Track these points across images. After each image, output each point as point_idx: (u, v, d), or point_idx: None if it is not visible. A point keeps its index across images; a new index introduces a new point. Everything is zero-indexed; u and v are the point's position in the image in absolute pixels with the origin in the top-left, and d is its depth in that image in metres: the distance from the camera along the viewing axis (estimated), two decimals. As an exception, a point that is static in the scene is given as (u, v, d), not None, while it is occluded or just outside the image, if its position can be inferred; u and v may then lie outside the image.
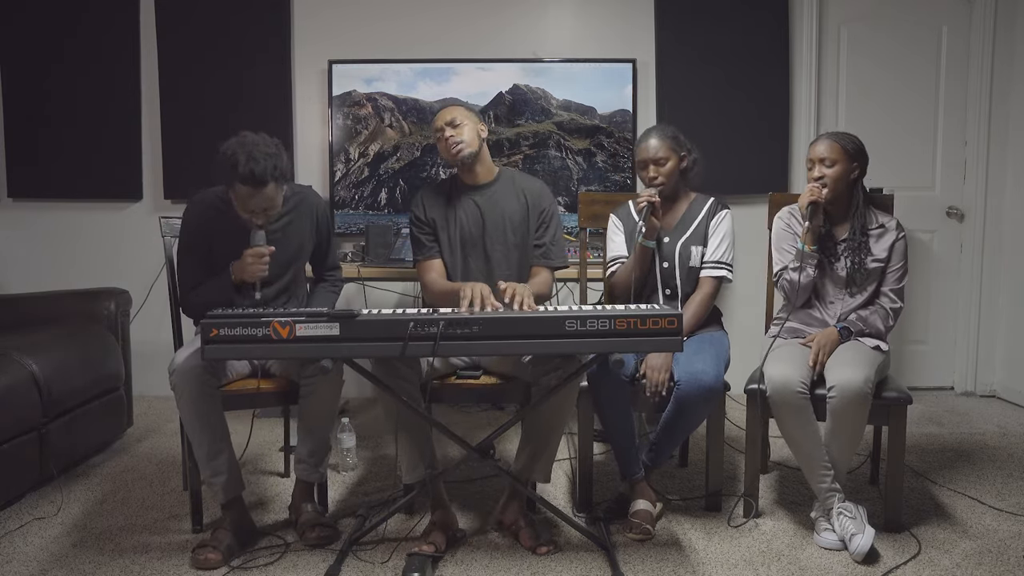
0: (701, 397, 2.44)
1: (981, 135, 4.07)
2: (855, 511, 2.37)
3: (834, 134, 2.63)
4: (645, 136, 2.70)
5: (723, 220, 2.71)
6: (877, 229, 2.61)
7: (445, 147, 2.61)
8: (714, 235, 2.69)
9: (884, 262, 2.59)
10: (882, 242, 2.60)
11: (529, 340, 2.12)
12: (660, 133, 2.68)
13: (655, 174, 2.65)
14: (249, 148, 2.30)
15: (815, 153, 2.59)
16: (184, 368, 2.32)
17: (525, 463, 2.49)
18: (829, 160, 2.56)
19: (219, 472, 2.38)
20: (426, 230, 2.68)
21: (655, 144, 2.65)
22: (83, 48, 4.03)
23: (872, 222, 2.62)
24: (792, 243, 2.64)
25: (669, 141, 2.66)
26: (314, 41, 4.06)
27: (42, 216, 4.17)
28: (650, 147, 2.65)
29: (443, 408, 3.78)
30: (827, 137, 2.61)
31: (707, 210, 2.72)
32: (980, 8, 4.03)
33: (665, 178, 2.65)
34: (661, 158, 2.64)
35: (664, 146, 2.65)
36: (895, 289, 2.60)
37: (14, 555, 2.38)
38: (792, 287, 2.60)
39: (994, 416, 3.81)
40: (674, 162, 2.66)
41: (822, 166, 2.57)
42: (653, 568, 2.29)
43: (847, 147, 2.57)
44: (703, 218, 2.71)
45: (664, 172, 2.65)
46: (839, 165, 2.56)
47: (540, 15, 4.08)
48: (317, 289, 2.75)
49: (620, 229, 2.79)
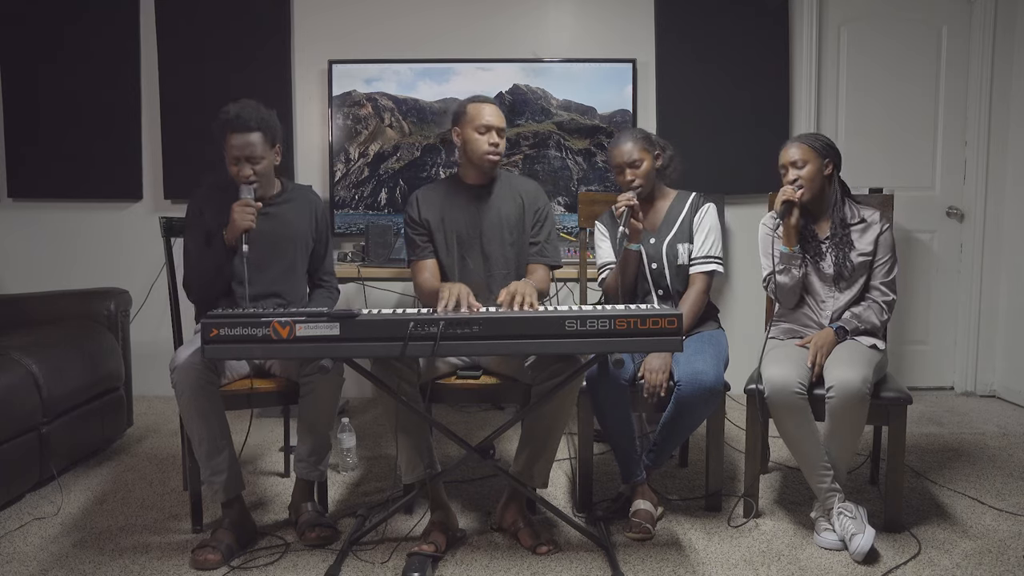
0: (701, 398, 2.44)
1: (981, 135, 4.07)
2: (855, 511, 2.37)
3: (800, 136, 2.66)
4: (616, 140, 2.70)
5: (707, 214, 2.71)
6: (859, 224, 2.62)
7: (482, 148, 2.57)
8: (699, 230, 2.70)
9: (870, 255, 2.59)
10: (866, 236, 2.60)
11: (529, 340, 2.12)
12: (631, 135, 2.68)
13: (631, 176, 2.65)
14: (240, 102, 2.53)
15: (785, 158, 2.62)
16: (185, 366, 2.32)
17: (523, 466, 2.49)
18: (800, 161, 2.58)
19: (219, 471, 2.39)
20: (420, 231, 2.67)
21: (628, 147, 2.65)
22: (83, 48, 4.03)
23: (853, 216, 2.63)
24: (777, 247, 2.64)
25: (641, 142, 2.66)
26: (314, 41, 4.06)
27: (42, 216, 4.17)
28: (623, 151, 2.65)
29: (443, 408, 3.79)
30: (794, 141, 2.64)
31: (689, 206, 2.73)
32: (980, 8, 4.03)
33: (642, 179, 2.65)
34: (636, 160, 2.64)
35: (637, 148, 2.65)
36: (885, 282, 2.60)
37: (14, 555, 2.38)
38: (780, 290, 2.61)
39: (994, 416, 3.81)
40: (648, 162, 2.66)
41: (794, 169, 2.59)
42: (653, 568, 2.29)
43: (815, 145, 2.60)
44: (686, 215, 2.72)
45: (640, 173, 2.65)
46: (811, 164, 2.58)
47: (540, 15, 4.08)
48: (315, 293, 2.77)
49: (606, 235, 2.80)
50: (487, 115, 2.58)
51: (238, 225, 2.44)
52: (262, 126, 2.50)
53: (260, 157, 2.51)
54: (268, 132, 2.52)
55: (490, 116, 2.58)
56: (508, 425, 2.43)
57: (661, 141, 2.74)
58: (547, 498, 2.63)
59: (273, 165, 2.59)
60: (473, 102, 2.62)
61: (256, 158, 2.50)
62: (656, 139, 2.73)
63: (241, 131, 2.47)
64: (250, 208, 2.46)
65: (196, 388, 2.32)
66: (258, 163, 2.51)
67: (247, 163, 2.49)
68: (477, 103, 2.61)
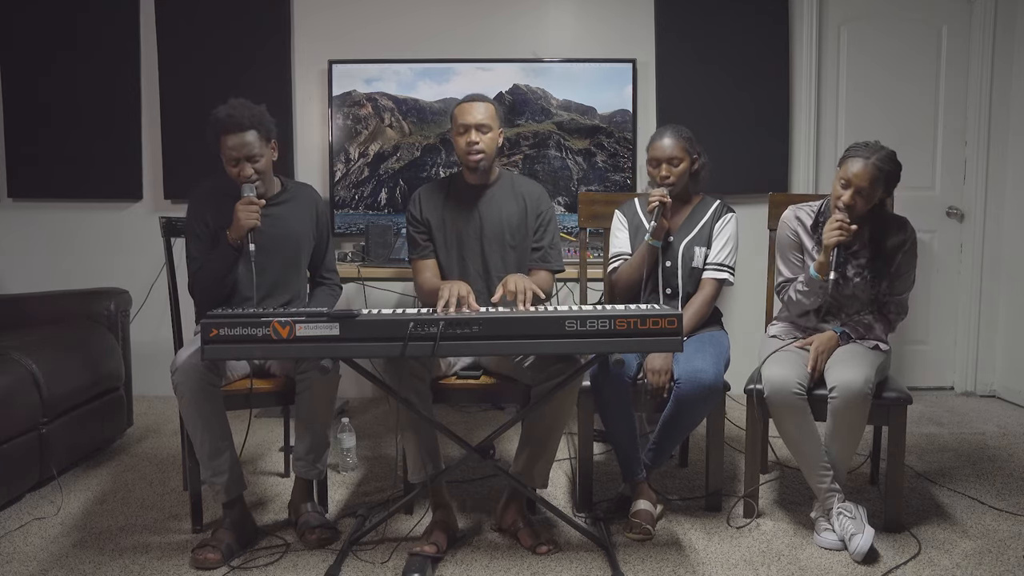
0: (700, 396, 2.44)
1: (981, 135, 4.07)
2: (855, 511, 2.37)
3: (870, 154, 2.40)
4: (660, 134, 2.69)
5: (728, 223, 2.71)
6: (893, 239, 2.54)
7: (464, 148, 2.57)
8: (718, 237, 2.70)
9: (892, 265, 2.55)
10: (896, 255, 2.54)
11: (529, 340, 2.12)
12: (676, 133, 2.67)
13: (667, 173, 2.65)
14: (229, 103, 2.50)
15: (847, 172, 2.40)
16: (186, 367, 2.32)
17: (523, 466, 2.49)
18: (856, 187, 2.38)
19: (220, 472, 2.39)
20: (421, 229, 2.67)
21: (670, 144, 2.65)
22: (83, 48, 4.02)
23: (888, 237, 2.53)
24: (799, 258, 2.60)
25: (684, 142, 2.66)
26: (314, 41, 4.06)
27: (42, 216, 4.17)
28: (665, 146, 2.65)
29: (443, 408, 3.79)
30: (861, 159, 2.40)
31: (712, 212, 2.73)
32: (980, 8, 4.02)
33: (676, 178, 2.65)
34: (675, 158, 2.64)
35: (679, 147, 2.65)
36: (902, 299, 2.57)
37: (14, 555, 2.38)
38: (796, 306, 2.59)
39: (994, 416, 3.81)
40: (686, 163, 2.66)
41: (857, 195, 2.40)
42: (653, 568, 2.29)
43: (881, 171, 2.39)
44: (708, 220, 2.72)
45: (676, 172, 2.65)
46: (865, 194, 2.39)
47: (540, 15, 4.08)
48: (316, 292, 2.76)
49: (624, 226, 2.79)
50: (465, 114, 2.57)
51: (243, 224, 2.43)
52: (255, 124, 2.48)
53: (258, 155, 2.50)
54: (262, 129, 2.51)
55: (467, 115, 2.56)
56: (508, 425, 2.43)
57: (699, 146, 2.73)
58: (547, 498, 2.63)
59: (271, 162, 2.58)
60: (460, 103, 2.62)
61: (254, 156, 2.49)
62: (696, 143, 2.71)
63: (235, 131, 2.45)
64: (254, 206, 2.45)
65: (197, 390, 2.32)
66: (257, 161, 2.50)
67: (247, 162, 2.48)
68: (461, 103, 2.61)
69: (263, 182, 2.54)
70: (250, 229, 2.43)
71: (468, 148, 2.56)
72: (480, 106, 2.57)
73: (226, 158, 2.49)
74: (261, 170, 2.51)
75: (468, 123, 2.56)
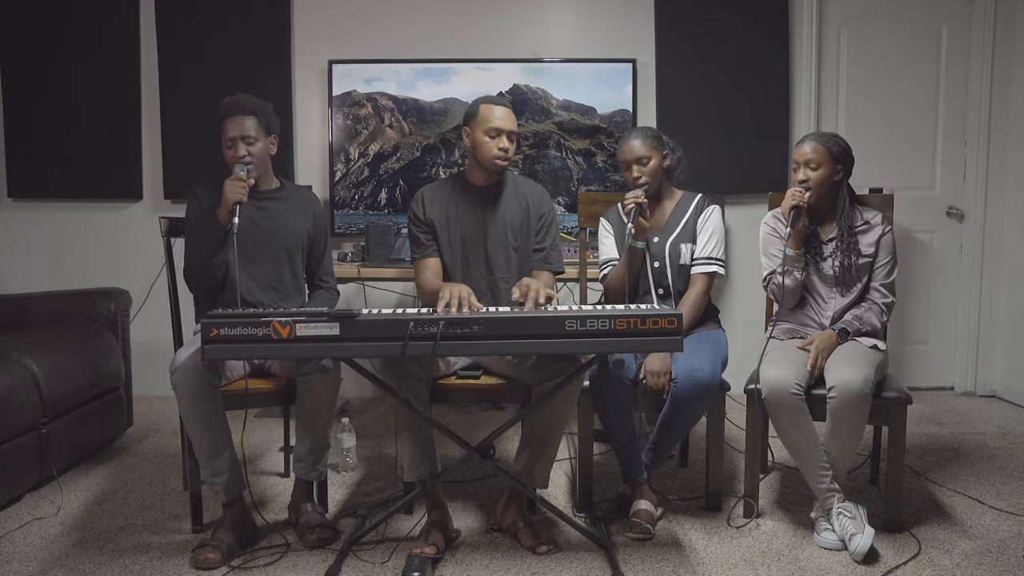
0: (697, 395, 2.44)
1: (981, 135, 4.07)
2: (855, 511, 2.37)
3: (819, 135, 2.61)
4: (625, 138, 2.72)
5: (711, 216, 2.72)
6: (862, 226, 2.62)
7: (495, 152, 2.56)
8: (703, 231, 2.70)
9: (871, 257, 2.59)
10: (867, 237, 2.60)
11: (529, 340, 2.11)
12: (641, 133, 2.70)
13: (639, 174, 2.66)
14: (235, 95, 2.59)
15: (800, 155, 2.58)
16: (185, 367, 2.32)
17: (524, 466, 2.49)
18: (814, 163, 2.55)
19: (220, 472, 2.39)
20: (424, 229, 2.67)
21: (637, 144, 2.67)
22: (83, 48, 4.03)
23: (857, 220, 2.62)
24: (779, 247, 2.64)
25: (650, 140, 2.68)
26: (314, 41, 4.06)
27: (42, 216, 4.17)
28: (633, 147, 2.67)
29: (443, 408, 3.79)
30: (812, 139, 2.59)
31: (695, 207, 2.73)
32: (980, 8, 4.03)
33: (649, 177, 2.66)
34: (643, 157, 2.66)
35: (645, 145, 2.66)
36: (886, 284, 2.60)
37: (14, 555, 2.38)
38: (780, 291, 2.62)
39: (994, 416, 3.81)
40: (656, 160, 2.67)
41: (807, 168, 2.57)
42: (653, 568, 2.29)
43: (832, 149, 2.56)
44: (691, 215, 2.72)
45: (647, 171, 2.66)
46: (823, 168, 2.56)
47: (540, 15, 4.08)
48: (315, 294, 2.77)
49: (610, 232, 2.80)
50: (498, 119, 2.56)
51: (228, 198, 2.44)
52: (257, 112, 2.56)
53: (254, 138, 2.55)
54: (263, 118, 2.58)
55: (501, 120, 2.56)
56: (508, 425, 2.43)
57: (671, 142, 2.74)
58: (547, 498, 2.63)
59: (269, 155, 2.62)
60: (485, 103, 2.59)
61: (250, 138, 2.54)
62: (666, 139, 2.73)
63: (236, 114, 2.53)
64: (241, 182, 2.47)
65: (196, 390, 2.32)
66: (252, 144, 2.54)
67: (241, 143, 2.53)
68: (489, 104, 2.59)
69: (256, 168, 2.56)
70: (236, 202, 2.44)
71: (499, 153, 2.56)
72: (509, 112, 2.60)
73: (224, 140, 2.55)
74: (255, 154, 2.55)
75: (502, 128, 2.55)
